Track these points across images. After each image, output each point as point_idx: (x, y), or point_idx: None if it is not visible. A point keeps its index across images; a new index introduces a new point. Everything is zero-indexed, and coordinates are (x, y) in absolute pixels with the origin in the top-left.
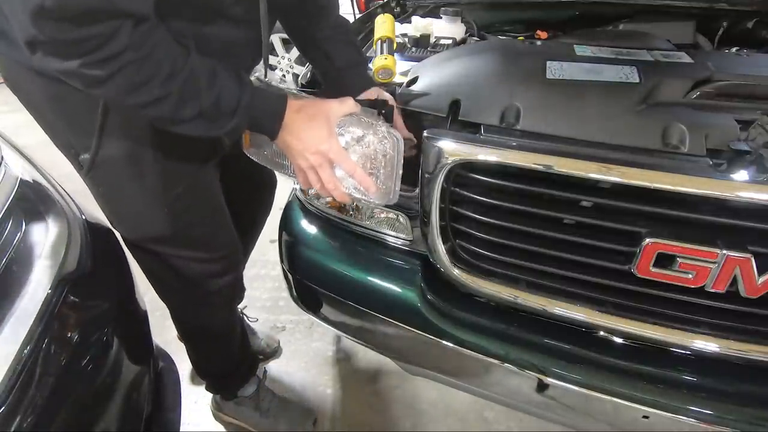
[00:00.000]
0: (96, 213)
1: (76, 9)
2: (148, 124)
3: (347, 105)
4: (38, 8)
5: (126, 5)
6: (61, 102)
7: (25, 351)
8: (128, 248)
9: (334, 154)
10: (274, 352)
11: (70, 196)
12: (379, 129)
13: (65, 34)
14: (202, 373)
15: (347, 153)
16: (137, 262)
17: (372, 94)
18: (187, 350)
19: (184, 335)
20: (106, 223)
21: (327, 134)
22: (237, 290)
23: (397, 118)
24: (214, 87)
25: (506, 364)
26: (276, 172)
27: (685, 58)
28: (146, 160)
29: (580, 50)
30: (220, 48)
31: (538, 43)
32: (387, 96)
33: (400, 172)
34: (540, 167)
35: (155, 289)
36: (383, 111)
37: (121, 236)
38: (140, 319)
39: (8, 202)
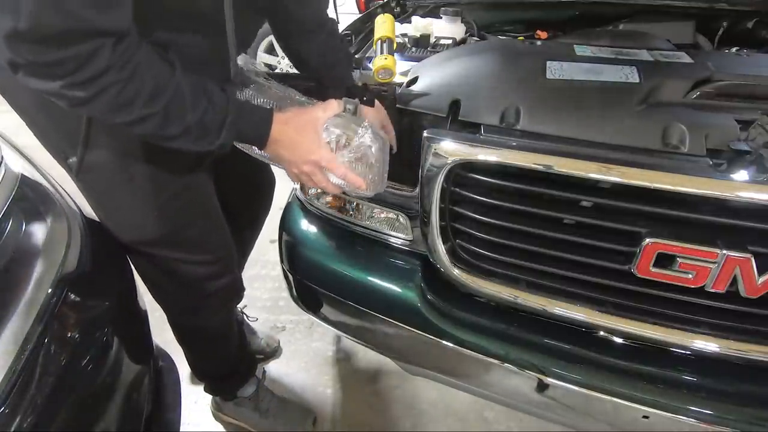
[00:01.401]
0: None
1: (52, 30)
2: None
3: (331, 109)
4: (12, 31)
5: (103, 23)
6: (48, 107)
7: (25, 351)
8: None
9: (325, 162)
10: (274, 352)
11: (70, 196)
12: (365, 132)
13: (42, 56)
14: (200, 375)
15: (336, 159)
16: (132, 264)
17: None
18: (185, 353)
19: (181, 338)
20: None
21: (316, 144)
22: (233, 292)
23: (369, 109)
24: (199, 105)
25: (506, 364)
26: (274, 171)
27: (685, 58)
28: (133, 164)
29: (580, 50)
30: (199, 56)
31: (538, 43)
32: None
33: (387, 167)
34: (540, 167)
35: (151, 292)
36: (365, 98)
37: (115, 239)
38: (140, 319)
39: (8, 202)
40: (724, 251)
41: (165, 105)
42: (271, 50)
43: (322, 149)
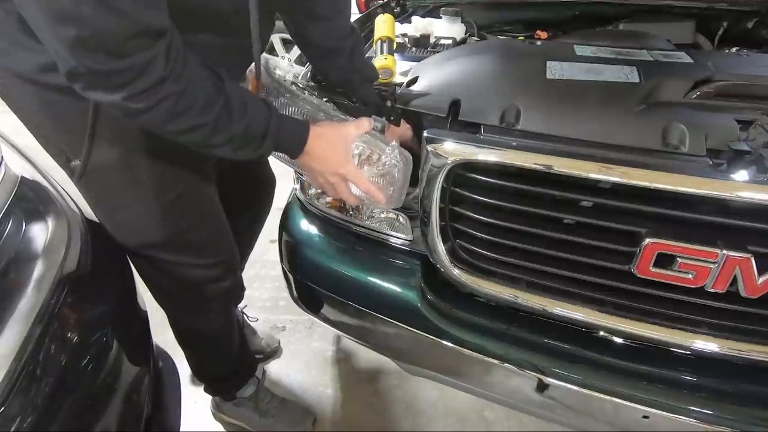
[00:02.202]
0: None
1: (111, 35)
2: (139, 130)
3: (362, 127)
4: (76, 40)
5: (152, 21)
6: (53, 108)
7: (25, 351)
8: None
9: (351, 176)
10: (274, 352)
11: (70, 196)
12: (392, 151)
13: (103, 65)
14: (200, 376)
15: (362, 173)
16: (135, 268)
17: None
18: (186, 355)
19: (183, 340)
20: None
21: (344, 158)
22: (235, 294)
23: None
24: (245, 116)
25: (506, 364)
26: (274, 170)
27: (685, 58)
28: (138, 166)
29: (580, 50)
30: (218, 56)
31: (538, 43)
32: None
33: (407, 184)
34: (540, 167)
35: (153, 295)
36: (392, 117)
37: (117, 242)
38: (140, 319)
39: (8, 202)
40: (724, 251)
41: (216, 115)
42: (271, 50)
43: (350, 164)
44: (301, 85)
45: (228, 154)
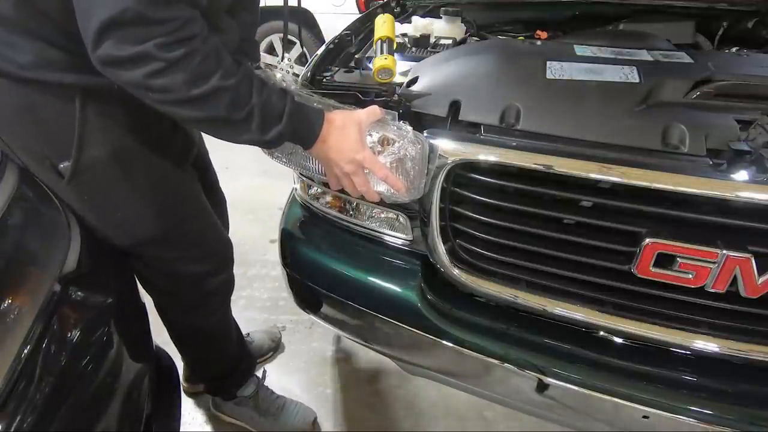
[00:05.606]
0: None
1: None
2: (128, 125)
3: (374, 113)
4: None
5: None
6: (34, 112)
7: (25, 351)
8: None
9: (368, 162)
10: (277, 346)
11: None
12: (407, 134)
13: (152, 11)
14: (199, 376)
15: (379, 159)
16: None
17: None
18: (184, 355)
19: (182, 340)
20: None
21: (360, 144)
22: (231, 289)
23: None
24: (263, 91)
25: (506, 364)
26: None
27: (685, 58)
28: (130, 159)
29: (580, 50)
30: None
31: (538, 43)
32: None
33: (426, 171)
34: (540, 167)
35: (152, 296)
36: (401, 111)
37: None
38: (140, 319)
39: (8, 202)
40: (724, 251)
41: (237, 81)
42: (271, 50)
43: (366, 149)
44: (303, 84)
45: (248, 135)
